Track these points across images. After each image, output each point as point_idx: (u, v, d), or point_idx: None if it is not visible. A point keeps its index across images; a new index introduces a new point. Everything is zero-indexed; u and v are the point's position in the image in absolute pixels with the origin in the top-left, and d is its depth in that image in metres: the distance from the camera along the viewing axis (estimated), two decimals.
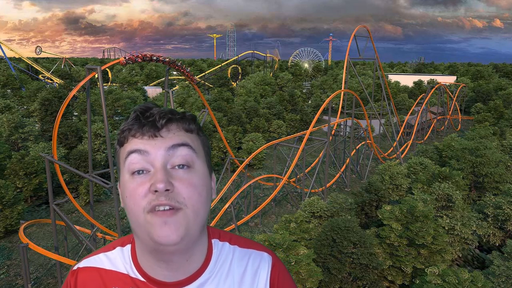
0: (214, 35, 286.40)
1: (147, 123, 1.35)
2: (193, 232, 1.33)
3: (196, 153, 1.38)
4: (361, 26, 50.40)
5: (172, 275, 1.43)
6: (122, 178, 1.37)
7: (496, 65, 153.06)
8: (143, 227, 1.29)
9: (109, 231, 26.66)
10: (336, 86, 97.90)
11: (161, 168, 1.29)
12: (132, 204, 1.30)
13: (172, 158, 1.32)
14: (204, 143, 1.46)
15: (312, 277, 17.65)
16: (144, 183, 1.29)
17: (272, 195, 33.55)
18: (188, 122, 1.41)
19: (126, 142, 1.37)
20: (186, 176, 1.32)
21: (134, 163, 1.32)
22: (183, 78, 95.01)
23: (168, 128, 1.36)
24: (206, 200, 1.37)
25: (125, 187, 1.34)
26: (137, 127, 1.35)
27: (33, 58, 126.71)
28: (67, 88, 66.78)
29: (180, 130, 1.38)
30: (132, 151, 1.33)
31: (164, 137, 1.34)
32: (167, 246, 1.29)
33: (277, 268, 1.58)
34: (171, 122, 1.37)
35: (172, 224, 1.26)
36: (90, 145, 24.95)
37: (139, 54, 25.85)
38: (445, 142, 42.78)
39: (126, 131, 1.37)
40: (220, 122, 50.52)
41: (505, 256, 21.14)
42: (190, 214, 1.30)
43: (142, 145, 1.33)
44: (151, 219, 1.26)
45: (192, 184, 1.32)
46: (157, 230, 1.26)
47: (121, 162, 1.37)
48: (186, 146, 1.35)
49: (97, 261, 1.58)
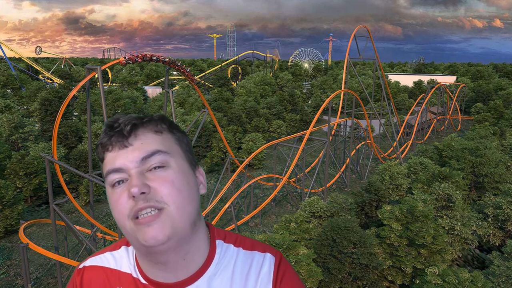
0: (214, 35, 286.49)
1: (114, 134, 1.37)
2: (180, 229, 1.34)
3: (169, 153, 1.38)
4: (361, 26, 50.40)
5: (173, 276, 1.44)
6: (107, 191, 1.41)
7: (496, 65, 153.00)
8: (130, 234, 1.33)
9: (109, 231, 26.64)
10: (336, 86, 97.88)
11: (135, 174, 1.32)
12: (116, 214, 1.34)
13: (146, 165, 1.35)
14: (179, 139, 1.47)
15: (312, 277, 17.65)
16: (124, 191, 1.33)
17: (272, 195, 33.55)
18: (156, 123, 1.42)
19: (104, 158, 1.40)
20: (161, 174, 1.34)
21: (112, 178, 1.36)
22: (183, 78, 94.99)
23: (135, 134, 1.38)
24: (189, 195, 1.38)
25: (109, 200, 1.38)
26: (106, 140, 1.38)
27: (33, 58, 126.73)
28: (67, 88, 66.82)
29: (148, 133, 1.39)
30: (110, 171, 1.36)
31: (133, 144, 1.36)
32: (156, 247, 1.31)
33: (281, 269, 1.54)
34: (136, 127, 1.38)
35: (156, 225, 1.29)
36: (90, 145, 24.98)
37: (139, 54, 25.86)
38: (445, 142, 42.76)
39: (99, 146, 1.41)
40: (220, 122, 50.53)
41: (505, 256, 21.15)
42: (173, 211, 1.31)
43: (115, 160, 1.36)
44: (135, 226, 1.30)
45: (169, 181, 1.33)
46: (143, 234, 1.29)
47: (104, 176, 1.41)
48: (156, 154, 1.36)
49: (103, 260, 1.61)
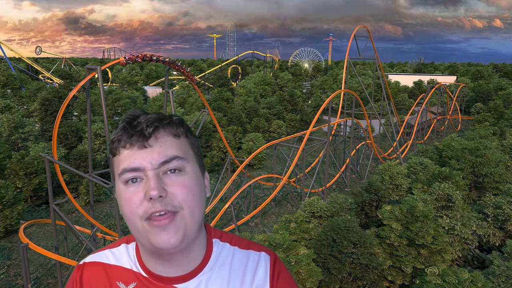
0: (214, 35, 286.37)
1: (135, 133, 1.37)
2: (191, 232, 1.38)
3: (186, 159, 1.40)
4: (361, 26, 50.39)
5: (173, 271, 1.49)
6: (117, 187, 1.40)
7: (496, 65, 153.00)
8: (142, 234, 1.34)
9: (109, 231, 26.64)
10: (336, 86, 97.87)
11: (153, 176, 1.32)
12: (128, 212, 1.34)
13: (163, 168, 1.36)
14: (193, 144, 1.49)
15: (312, 277, 17.65)
16: (139, 191, 1.32)
17: (272, 195, 33.54)
18: (175, 127, 1.44)
19: (117, 153, 1.39)
20: (179, 179, 1.36)
21: (128, 176, 1.35)
22: (183, 78, 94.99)
23: (156, 136, 1.38)
24: (201, 199, 1.42)
25: (121, 196, 1.37)
26: (125, 137, 1.38)
27: (33, 58, 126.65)
28: (67, 88, 66.79)
29: (168, 136, 1.40)
30: (127, 169, 1.35)
31: (153, 146, 1.36)
32: (167, 250, 1.34)
33: (277, 268, 1.60)
34: (158, 129, 1.39)
35: (171, 229, 1.31)
36: (90, 145, 24.96)
37: (139, 54, 25.85)
38: (445, 142, 42.75)
39: (116, 141, 1.40)
40: (220, 122, 50.52)
41: (505, 256, 21.15)
42: (187, 215, 1.34)
43: (132, 157, 1.35)
44: (149, 227, 1.31)
45: (186, 186, 1.36)
46: (156, 237, 1.30)
47: (115, 171, 1.40)
48: (175, 160, 1.37)
49: (102, 257, 1.63)
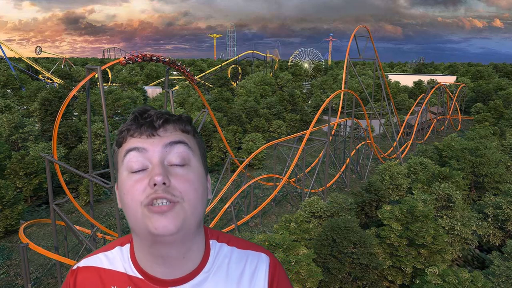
0: (214, 35, 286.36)
1: (145, 123, 1.40)
2: (189, 225, 1.36)
3: (192, 151, 1.43)
4: (361, 26, 50.38)
5: (170, 273, 1.45)
6: (120, 177, 1.40)
7: (496, 65, 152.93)
8: (140, 221, 1.32)
9: (109, 231, 26.65)
10: (336, 86, 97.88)
11: (159, 164, 1.34)
12: (129, 199, 1.34)
13: (169, 154, 1.37)
14: (199, 145, 1.51)
15: (312, 277, 17.65)
16: (143, 179, 1.33)
17: (272, 195, 33.54)
18: (184, 124, 1.47)
19: (124, 142, 1.41)
20: (182, 172, 1.36)
21: (133, 162, 1.36)
22: (183, 78, 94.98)
23: (165, 128, 1.41)
24: (202, 197, 1.41)
25: (123, 184, 1.37)
26: (135, 127, 1.40)
27: (33, 58, 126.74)
28: (67, 88, 66.77)
29: (177, 130, 1.43)
30: (131, 149, 1.38)
31: (161, 136, 1.39)
32: (164, 237, 1.31)
33: (275, 268, 1.60)
34: (168, 122, 1.42)
35: (170, 216, 1.30)
36: (90, 145, 24.96)
37: (139, 54, 25.83)
38: (445, 142, 42.75)
39: (124, 131, 1.42)
40: (220, 122, 50.53)
41: (505, 256, 21.14)
42: (187, 207, 1.34)
43: (140, 143, 1.38)
44: (148, 212, 1.30)
45: (188, 180, 1.36)
46: (154, 222, 1.29)
47: (119, 161, 1.41)
48: (182, 144, 1.40)
49: (96, 261, 1.61)
